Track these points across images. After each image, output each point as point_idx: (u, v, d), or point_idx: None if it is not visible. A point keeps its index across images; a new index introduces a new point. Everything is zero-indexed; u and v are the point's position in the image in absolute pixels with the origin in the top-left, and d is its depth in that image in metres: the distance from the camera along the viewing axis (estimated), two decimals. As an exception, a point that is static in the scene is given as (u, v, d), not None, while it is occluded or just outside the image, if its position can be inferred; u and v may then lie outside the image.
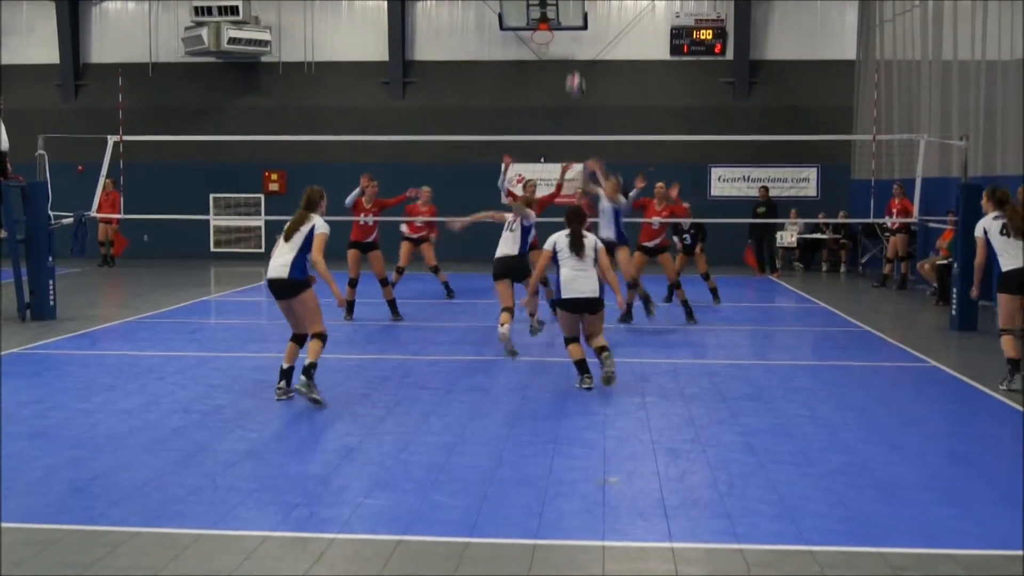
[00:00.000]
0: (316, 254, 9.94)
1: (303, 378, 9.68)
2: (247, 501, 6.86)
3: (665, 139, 23.64)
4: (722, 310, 17.60)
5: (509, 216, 13.19)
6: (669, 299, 17.60)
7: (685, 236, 18.29)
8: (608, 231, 15.08)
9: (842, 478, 7.53)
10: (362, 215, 16.01)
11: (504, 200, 16.16)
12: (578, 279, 10.77)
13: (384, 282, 15.96)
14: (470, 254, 26.41)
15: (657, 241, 16.31)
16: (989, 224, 11.29)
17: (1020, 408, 9.85)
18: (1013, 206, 11.44)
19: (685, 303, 15.94)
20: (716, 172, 27.16)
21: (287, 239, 10.03)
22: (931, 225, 18.72)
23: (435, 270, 18.97)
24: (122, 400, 10.07)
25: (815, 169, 26.90)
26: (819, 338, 15.07)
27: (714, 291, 18.08)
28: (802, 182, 26.90)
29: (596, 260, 10.85)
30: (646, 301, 15.39)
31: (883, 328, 15.24)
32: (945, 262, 17.61)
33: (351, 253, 16.01)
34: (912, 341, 14.03)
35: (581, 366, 10.84)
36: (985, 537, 6.31)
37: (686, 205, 17.49)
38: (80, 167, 24.62)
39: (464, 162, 26.59)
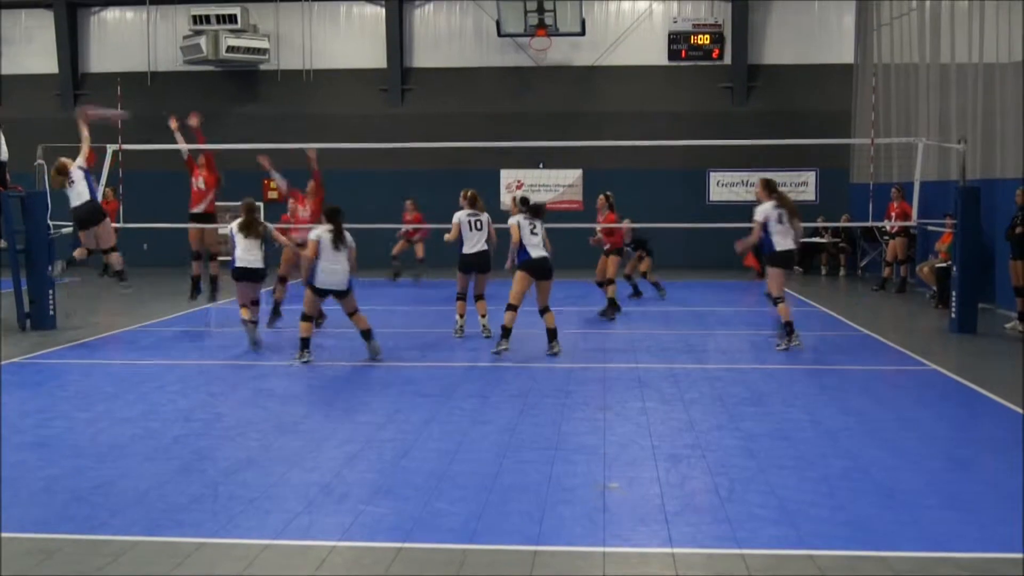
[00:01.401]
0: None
1: None
2: (248, 509, 6.87)
3: (663, 144, 23.61)
4: (721, 314, 17.60)
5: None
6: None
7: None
8: None
9: (843, 482, 7.53)
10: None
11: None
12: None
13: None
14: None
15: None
16: (770, 211, 13.71)
17: (1020, 411, 9.84)
18: (781, 194, 14.23)
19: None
20: (715, 177, 27.20)
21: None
22: (930, 228, 18.74)
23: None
24: (123, 409, 10.08)
25: (814, 173, 26.94)
26: (818, 342, 15.06)
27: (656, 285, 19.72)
28: (801, 186, 26.94)
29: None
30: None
31: (883, 331, 15.25)
32: (944, 265, 17.62)
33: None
34: (912, 344, 14.04)
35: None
36: (986, 540, 6.31)
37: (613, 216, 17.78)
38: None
39: (463, 168, 26.60)
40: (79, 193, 15.01)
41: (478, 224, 14.62)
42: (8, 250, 15.89)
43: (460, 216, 14.69)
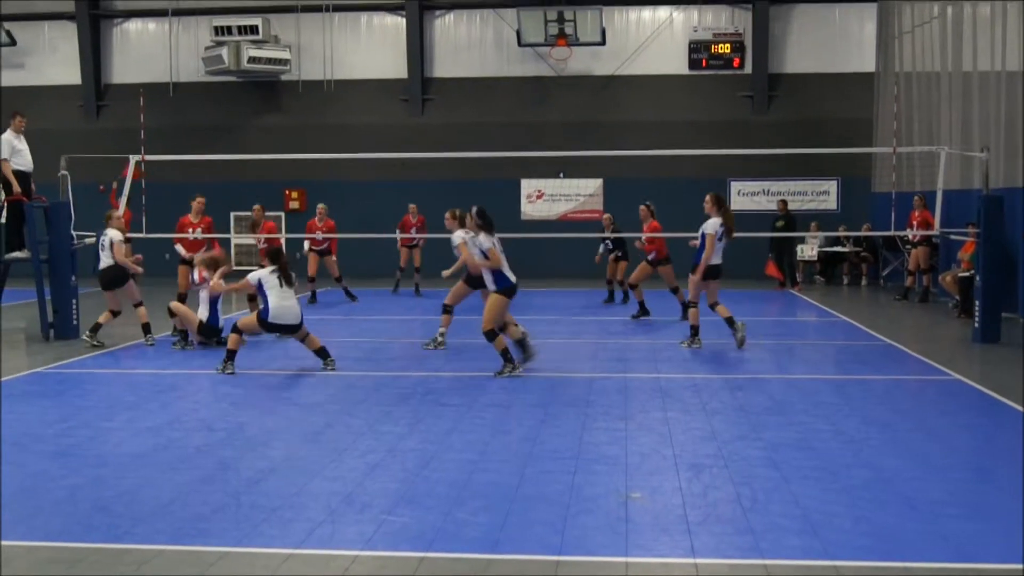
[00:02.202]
0: None
1: None
2: (271, 519, 6.89)
3: (684, 153, 23.65)
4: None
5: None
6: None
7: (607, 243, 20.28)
8: None
9: (866, 493, 7.50)
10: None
11: None
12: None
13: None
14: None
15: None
16: (718, 227, 14.39)
17: (1045, 421, 9.79)
18: (727, 209, 14.75)
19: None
20: (736, 186, 27.16)
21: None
22: (952, 237, 18.66)
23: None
24: (146, 418, 10.12)
25: (835, 182, 26.87)
26: (841, 352, 15.03)
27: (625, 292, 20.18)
28: (822, 195, 26.88)
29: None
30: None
31: (905, 341, 15.19)
32: (967, 274, 17.55)
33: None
34: (935, 354, 13.98)
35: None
36: (1010, 551, 6.27)
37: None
38: (101, 187, 24.77)
39: (483, 178, 26.66)
40: (106, 257, 15.05)
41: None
42: (32, 260, 16.01)
43: (464, 237, 14.09)
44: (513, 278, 12.69)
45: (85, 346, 14.73)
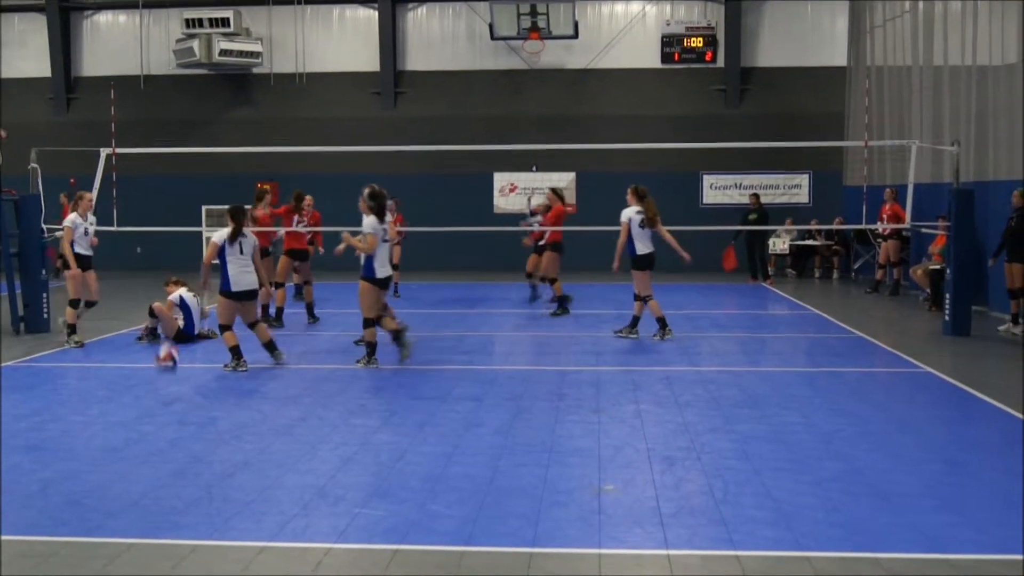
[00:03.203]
0: None
1: None
2: (244, 512, 6.87)
3: (657, 147, 23.69)
4: (715, 317, 17.64)
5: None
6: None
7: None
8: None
9: (838, 484, 7.55)
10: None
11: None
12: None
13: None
14: (466, 264, 26.53)
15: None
16: (632, 215, 14.66)
17: (1017, 414, 9.87)
18: (650, 202, 14.83)
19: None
20: (708, 180, 27.23)
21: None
22: (923, 231, 18.79)
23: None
24: (118, 412, 10.08)
25: (807, 176, 26.98)
26: (813, 344, 15.10)
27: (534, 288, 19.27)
28: (794, 189, 26.98)
29: None
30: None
31: (876, 334, 15.29)
32: (938, 267, 17.67)
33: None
34: (906, 347, 14.07)
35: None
36: (982, 543, 6.33)
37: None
38: (72, 180, 24.60)
39: (456, 172, 26.67)
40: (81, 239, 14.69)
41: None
42: (2, 254, 15.90)
43: (375, 225, 12.68)
44: (382, 272, 12.61)
45: (64, 344, 14.47)
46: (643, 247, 14.79)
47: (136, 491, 7.35)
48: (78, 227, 14.53)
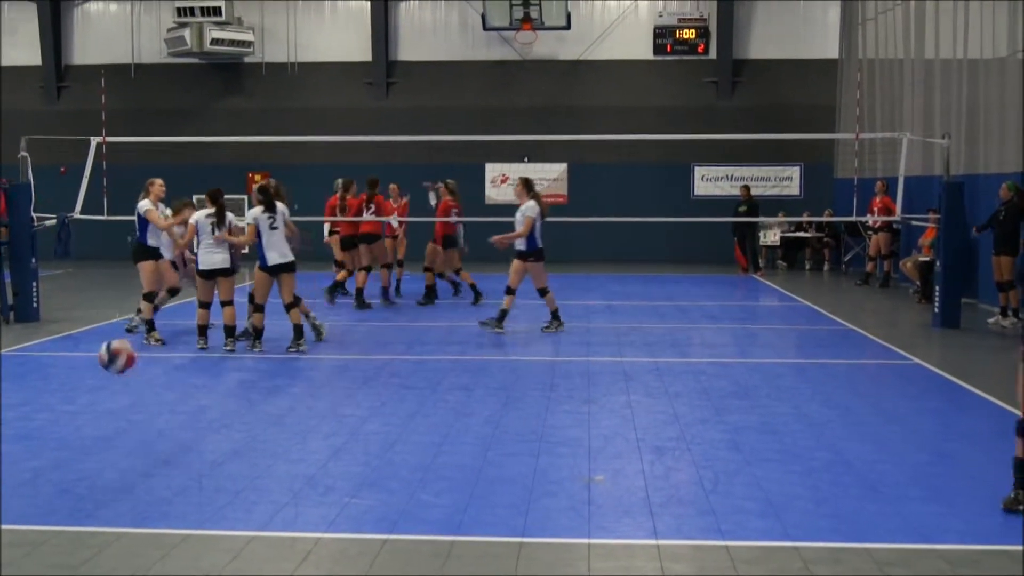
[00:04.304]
0: None
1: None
2: (234, 501, 6.87)
3: (648, 138, 23.65)
4: (706, 308, 17.66)
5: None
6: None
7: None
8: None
9: (827, 475, 7.57)
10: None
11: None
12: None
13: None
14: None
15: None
16: (536, 209, 14.27)
17: (1006, 406, 9.89)
18: (538, 194, 14.59)
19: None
20: (699, 171, 27.22)
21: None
22: (914, 223, 18.80)
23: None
24: (108, 401, 10.05)
25: (798, 168, 26.98)
26: (803, 336, 15.12)
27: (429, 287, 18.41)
28: (785, 181, 26.98)
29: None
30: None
31: (866, 326, 15.30)
32: (927, 260, 17.69)
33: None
34: (895, 339, 14.09)
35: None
36: (969, 532, 6.36)
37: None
38: (63, 168, 24.51)
39: (448, 162, 26.53)
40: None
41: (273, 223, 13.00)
42: (-11, 240, 15.84)
43: (256, 216, 13.02)
44: (272, 259, 12.88)
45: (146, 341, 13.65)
46: (540, 240, 14.55)
47: (126, 480, 7.34)
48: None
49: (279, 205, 13.13)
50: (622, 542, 6.21)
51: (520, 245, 14.51)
